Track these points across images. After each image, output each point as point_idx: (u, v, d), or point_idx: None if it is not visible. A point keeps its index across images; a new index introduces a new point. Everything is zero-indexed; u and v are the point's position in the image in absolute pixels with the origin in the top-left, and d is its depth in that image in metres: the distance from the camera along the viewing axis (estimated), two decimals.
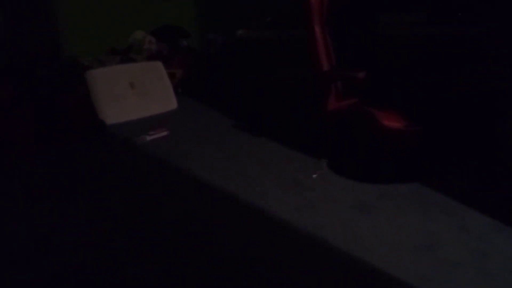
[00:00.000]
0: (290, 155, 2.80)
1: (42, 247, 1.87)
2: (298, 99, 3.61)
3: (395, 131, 2.34)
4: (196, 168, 2.64)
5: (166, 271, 1.68)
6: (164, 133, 3.30)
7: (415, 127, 2.37)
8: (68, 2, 4.31)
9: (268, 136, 3.14)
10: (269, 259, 1.74)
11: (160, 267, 1.71)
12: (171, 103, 4.03)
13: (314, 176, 2.45)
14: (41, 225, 2.07)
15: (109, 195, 2.39)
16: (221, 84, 4.51)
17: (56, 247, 1.88)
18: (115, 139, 3.30)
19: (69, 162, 2.88)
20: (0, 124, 3.12)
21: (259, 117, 3.77)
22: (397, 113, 2.44)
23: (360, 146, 2.48)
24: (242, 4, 4.74)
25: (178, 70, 4.49)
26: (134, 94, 3.77)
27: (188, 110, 4.02)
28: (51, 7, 4.22)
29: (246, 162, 2.74)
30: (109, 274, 1.69)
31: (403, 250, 1.75)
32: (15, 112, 3.22)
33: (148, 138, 3.20)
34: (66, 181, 2.58)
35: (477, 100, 2.83)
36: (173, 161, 2.78)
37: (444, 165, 2.57)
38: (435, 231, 1.88)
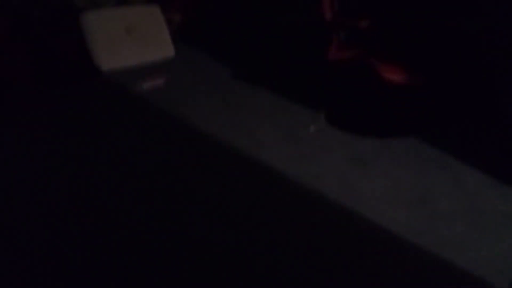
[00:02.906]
0: (288, 106, 2.75)
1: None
2: (299, 47, 3.52)
3: (395, 84, 2.29)
4: (191, 117, 2.60)
5: (160, 220, 1.70)
6: (161, 81, 3.24)
7: (416, 81, 2.32)
8: None
9: (267, 86, 3.07)
10: (264, 210, 1.76)
11: (152, 215, 1.72)
12: (169, 50, 3.92)
13: (311, 128, 2.43)
14: (34, 172, 2.06)
15: (103, 142, 2.37)
16: (221, 31, 4.38)
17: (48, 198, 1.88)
18: (110, 85, 3.24)
19: (62, 109, 2.83)
20: None
21: (258, 66, 3.69)
22: (399, 66, 2.37)
23: (359, 97, 2.44)
24: None
25: (176, 15, 4.34)
26: (130, 39, 3.65)
27: (186, 58, 3.91)
28: None
29: (244, 113, 2.70)
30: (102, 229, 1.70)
31: (398, 203, 1.76)
32: (9, 52, 3.14)
33: (144, 85, 3.14)
34: (60, 127, 2.55)
35: (480, 56, 2.75)
36: (168, 110, 2.74)
37: (442, 121, 2.54)
38: (430, 185, 1.88)
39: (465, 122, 2.51)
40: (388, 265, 1.59)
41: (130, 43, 3.64)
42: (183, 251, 1.62)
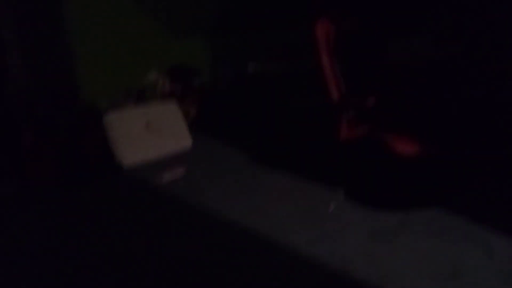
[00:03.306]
0: (306, 187, 2.79)
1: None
2: (312, 129, 3.63)
3: (409, 156, 2.32)
4: (212, 205, 2.65)
5: None
6: (181, 172, 3.34)
7: (430, 151, 2.35)
8: (83, 44, 4.47)
9: (284, 169, 3.14)
10: None
11: None
12: (187, 141, 4.09)
13: (332, 206, 2.44)
14: (56, 267, 2.08)
15: (128, 235, 2.40)
16: (235, 119, 4.57)
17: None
18: (132, 180, 3.35)
19: (88, 205, 2.92)
20: (23, 168, 3.21)
21: (274, 150, 3.79)
22: (411, 138, 2.42)
23: (375, 173, 2.47)
24: (251, 38, 4.84)
25: (191, 108, 4.57)
26: (149, 134, 3.84)
27: (203, 148, 4.06)
28: (67, 50, 4.37)
29: (263, 197, 2.74)
30: None
31: (427, 278, 1.71)
32: (35, 156, 3.32)
33: (165, 178, 3.23)
34: (85, 222, 2.61)
35: (491, 119, 2.80)
36: (189, 200, 2.80)
37: (464, 190, 2.52)
38: (459, 257, 1.83)
39: (486, 187, 2.49)
40: None
41: (150, 138, 3.83)
42: None
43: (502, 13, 2.99)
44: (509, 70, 2.89)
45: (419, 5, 3.68)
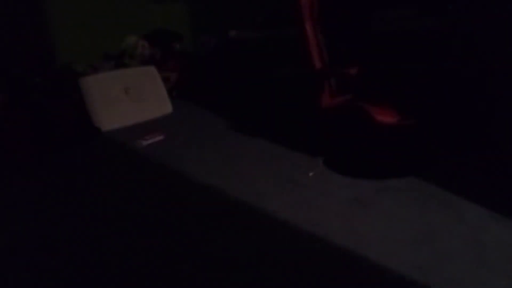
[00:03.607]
0: (286, 154, 2.81)
1: (42, 249, 1.88)
2: (292, 98, 3.63)
3: (389, 126, 2.35)
4: (192, 170, 2.65)
5: (166, 272, 1.69)
6: (160, 137, 3.31)
7: (409, 121, 2.38)
8: (59, 9, 4.30)
9: (264, 136, 3.15)
10: (268, 257, 1.75)
11: (159, 268, 1.71)
12: (166, 107, 4.04)
13: (311, 174, 2.46)
14: (40, 229, 2.06)
15: (107, 200, 2.38)
16: (215, 86, 4.52)
17: (55, 250, 1.88)
18: (110, 145, 3.30)
19: (65, 169, 2.88)
20: None
21: (254, 117, 3.78)
22: (391, 108, 2.44)
23: (355, 142, 2.49)
24: (233, 5, 4.75)
25: (172, 74, 4.50)
26: (128, 99, 3.77)
27: (183, 114, 4.02)
28: (43, 15, 4.21)
29: (243, 162, 2.75)
30: (108, 274, 1.69)
31: (401, 243, 1.76)
32: (10, 120, 3.22)
33: (144, 143, 3.20)
34: (63, 187, 2.58)
35: (471, 92, 2.84)
36: (169, 165, 2.79)
37: (439, 158, 2.58)
38: (432, 223, 1.88)
39: (462, 157, 2.55)
40: None
41: (129, 103, 3.76)
42: None
43: None
44: (489, 46, 2.92)
45: None
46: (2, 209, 2.38)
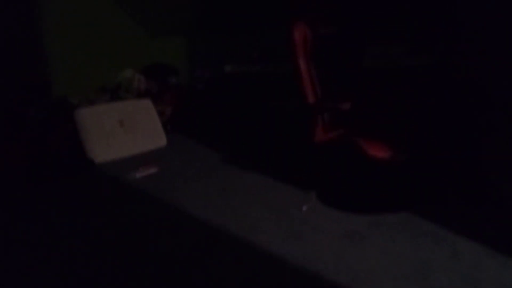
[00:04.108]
0: (280, 188, 2.80)
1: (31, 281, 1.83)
2: (286, 132, 3.65)
3: (382, 161, 2.36)
4: (185, 203, 2.63)
5: None
6: (154, 170, 3.29)
7: (402, 156, 2.39)
8: (57, 41, 4.37)
9: (258, 169, 3.15)
10: None
11: None
12: (161, 140, 4.04)
13: (304, 208, 2.45)
14: (30, 262, 2.02)
15: (99, 232, 2.35)
16: (210, 119, 4.55)
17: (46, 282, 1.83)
18: (104, 177, 3.28)
19: (58, 201, 2.85)
20: None
21: (248, 151, 3.79)
22: (383, 143, 2.46)
23: (348, 176, 2.50)
24: (229, 41, 4.85)
25: (167, 107, 4.53)
26: (123, 131, 3.78)
27: (178, 147, 4.03)
28: (40, 46, 4.27)
29: (236, 195, 2.73)
30: None
31: (395, 279, 1.73)
32: (4, 151, 3.21)
33: (138, 175, 3.19)
34: (54, 219, 2.54)
35: (462, 127, 2.88)
36: (162, 197, 2.77)
37: (432, 194, 2.58)
38: (426, 259, 1.87)
39: (456, 194, 2.55)
40: None
41: (123, 135, 3.77)
42: None
43: (474, 26, 3.08)
44: (479, 79, 2.99)
45: (396, 16, 3.76)
46: None
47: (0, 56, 3.92)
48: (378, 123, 2.75)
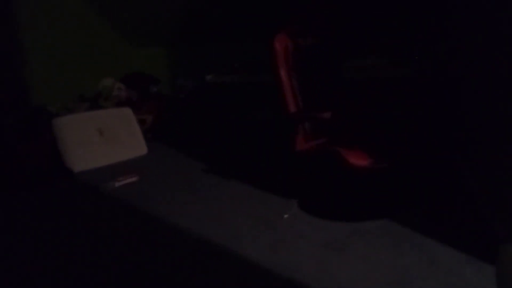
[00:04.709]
0: (261, 196, 2.81)
1: None
2: (268, 141, 3.67)
3: (362, 169, 2.39)
4: (166, 212, 2.61)
5: None
6: (134, 179, 3.26)
7: (382, 164, 2.43)
8: (35, 49, 4.31)
9: (239, 179, 3.15)
10: None
11: None
12: (141, 149, 4.01)
13: (285, 216, 2.46)
14: (4, 270, 1.96)
15: (75, 241, 2.30)
16: (191, 128, 4.54)
17: None
18: (82, 186, 3.23)
19: (35, 209, 2.79)
20: None
21: (229, 160, 3.79)
22: (363, 151, 2.50)
23: (329, 184, 2.52)
24: (210, 51, 4.87)
25: (148, 116, 4.50)
26: (102, 140, 3.74)
27: (158, 155, 4.00)
28: (18, 54, 4.21)
29: (218, 204, 2.72)
30: None
31: (375, 286, 1.75)
32: None
33: (117, 184, 3.15)
34: (30, 228, 2.48)
35: (439, 137, 2.95)
36: (142, 206, 2.74)
37: (411, 201, 2.62)
38: (406, 266, 1.89)
39: (433, 200, 2.60)
40: None
41: (103, 144, 3.72)
42: None
43: (454, 39, 3.18)
44: (457, 90, 3.07)
45: (375, 28, 3.85)
46: None
47: None
48: (358, 132, 2.79)
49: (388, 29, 3.79)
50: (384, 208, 2.49)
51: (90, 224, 2.56)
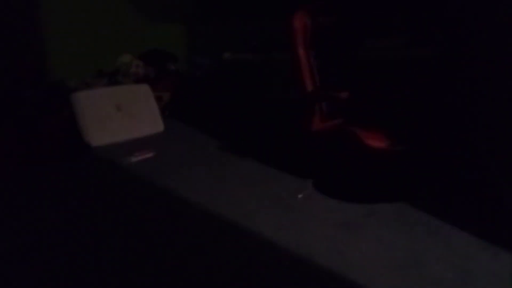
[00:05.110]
0: (276, 176, 2.80)
1: (25, 264, 1.83)
2: (284, 120, 3.65)
3: (378, 151, 2.36)
4: (181, 189, 2.63)
5: None
6: (150, 155, 3.29)
7: (399, 147, 2.39)
8: (56, 24, 4.33)
9: (255, 157, 3.14)
10: (256, 278, 1.72)
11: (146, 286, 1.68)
12: (158, 126, 4.03)
13: (300, 196, 2.45)
14: (25, 244, 2.02)
15: (95, 215, 2.35)
16: (208, 106, 4.54)
17: (39, 267, 1.83)
18: (100, 161, 3.28)
19: (53, 183, 2.84)
20: None
21: (245, 139, 3.78)
22: (380, 133, 2.47)
23: (344, 165, 2.50)
24: (228, 29, 4.82)
25: (165, 93, 4.51)
26: (120, 116, 3.76)
27: (175, 133, 4.02)
28: (38, 29, 4.23)
29: (232, 182, 2.73)
30: None
31: (388, 268, 1.74)
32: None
33: (134, 159, 3.18)
34: (49, 202, 2.54)
35: (459, 119, 2.89)
36: (158, 182, 2.77)
37: (428, 184, 2.59)
38: (420, 249, 1.87)
39: (450, 184, 2.56)
40: None
41: (120, 119, 3.75)
42: None
43: (472, 20, 3.08)
44: (476, 73, 2.98)
45: (396, 7, 3.75)
46: None
47: None
48: (376, 113, 2.75)
49: (408, 9, 3.69)
50: (400, 191, 2.46)
51: (106, 197, 2.60)
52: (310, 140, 2.68)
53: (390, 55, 3.50)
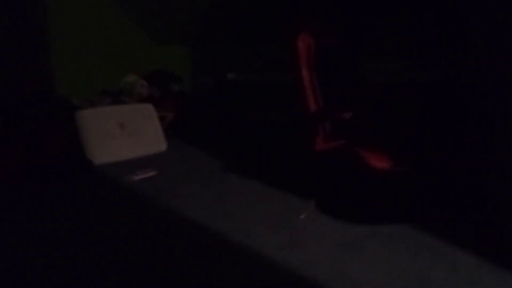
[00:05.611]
0: (278, 196, 2.78)
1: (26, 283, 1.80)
2: (287, 141, 3.65)
3: (381, 171, 2.35)
4: (183, 207, 2.61)
5: None
6: (152, 173, 3.28)
7: (402, 168, 2.38)
8: (62, 42, 4.39)
9: (257, 177, 3.13)
10: None
11: None
12: (161, 145, 4.04)
13: (302, 216, 2.43)
14: (24, 261, 1.99)
15: (97, 233, 2.32)
16: (211, 126, 4.55)
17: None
18: (102, 178, 3.27)
19: (56, 201, 2.83)
20: None
21: (248, 159, 3.78)
22: (383, 154, 2.46)
23: (347, 186, 2.48)
24: (232, 49, 4.88)
25: (168, 113, 4.54)
26: (123, 134, 3.78)
27: (177, 152, 4.02)
28: (44, 46, 4.29)
29: (234, 202, 2.71)
30: None
31: None
32: (2, 149, 3.19)
33: (136, 177, 3.17)
34: (50, 219, 2.52)
35: (461, 142, 2.87)
36: (160, 200, 2.75)
37: (432, 206, 2.56)
38: (425, 271, 1.84)
39: (454, 206, 2.53)
40: None
41: (123, 138, 3.76)
42: None
43: (478, 45, 3.10)
44: (481, 96, 2.99)
45: (400, 31, 3.79)
46: None
47: (4, 53, 3.93)
48: (379, 133, 2.75)
49: (413, 32, 3.73)
50: (403, 212, 2.44)
51: (108, 215, 2.58)
52: (313, 160, 2.67)
53: (392, 77, 3.51)
